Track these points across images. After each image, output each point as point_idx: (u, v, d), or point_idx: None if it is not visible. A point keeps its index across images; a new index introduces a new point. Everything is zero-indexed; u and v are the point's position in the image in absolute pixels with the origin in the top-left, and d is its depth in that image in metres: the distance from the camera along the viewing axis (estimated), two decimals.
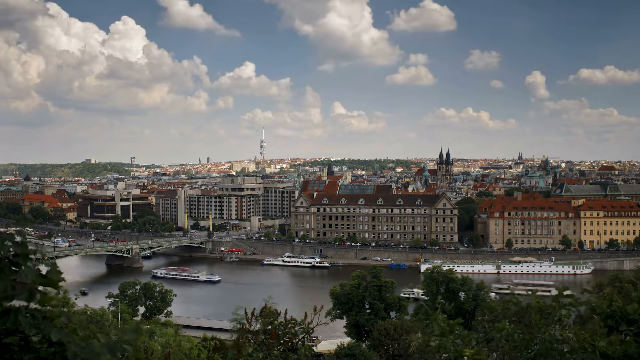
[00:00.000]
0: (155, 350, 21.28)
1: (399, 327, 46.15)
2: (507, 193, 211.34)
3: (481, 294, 57.89)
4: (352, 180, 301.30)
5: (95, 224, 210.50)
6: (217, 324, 74.32)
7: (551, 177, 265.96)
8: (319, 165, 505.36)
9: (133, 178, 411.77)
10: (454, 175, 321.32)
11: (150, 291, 75.31)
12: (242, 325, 11.68)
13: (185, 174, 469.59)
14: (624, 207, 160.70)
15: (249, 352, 9.91)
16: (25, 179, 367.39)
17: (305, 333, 11.91)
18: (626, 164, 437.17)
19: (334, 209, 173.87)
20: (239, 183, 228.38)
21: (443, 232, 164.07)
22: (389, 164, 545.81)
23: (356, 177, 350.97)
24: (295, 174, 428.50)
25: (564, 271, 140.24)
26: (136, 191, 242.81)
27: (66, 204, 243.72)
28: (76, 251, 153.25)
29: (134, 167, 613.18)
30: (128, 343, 3.27)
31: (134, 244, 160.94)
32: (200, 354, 26.93)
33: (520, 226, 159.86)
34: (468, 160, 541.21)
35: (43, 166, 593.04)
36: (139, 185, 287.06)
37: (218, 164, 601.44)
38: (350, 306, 61.44)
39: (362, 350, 44.73)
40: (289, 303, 45.02)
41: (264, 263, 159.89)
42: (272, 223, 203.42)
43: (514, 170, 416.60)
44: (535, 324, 5.71)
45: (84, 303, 55.01)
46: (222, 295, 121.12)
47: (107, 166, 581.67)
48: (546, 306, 5.73)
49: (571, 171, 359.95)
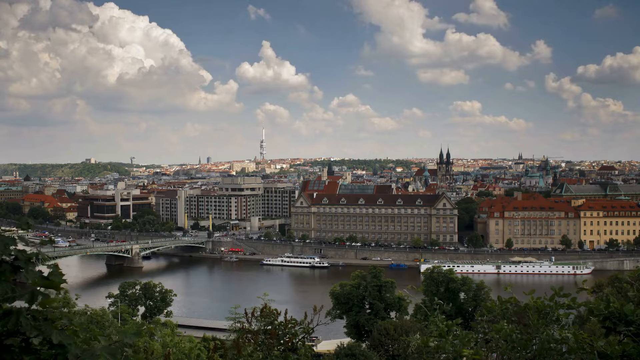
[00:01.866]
0: (155, 350, 21.29)
1: (399, 327, 46.16)
2: (507, 193, 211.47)
3: (481, 294, 57.91)
4: (352, 180, 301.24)
5: (95, 224, 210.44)
6: (217, 324, 74.29)
7: (551, 177, 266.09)
8: (319, 165, 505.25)
9: (133, 178, 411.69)
10: (454, 175, 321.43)
11: (150, 291, 75.25)
12: (242, 325, 11.69)
13: (185, 174, 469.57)
14: (624, 207, 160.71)
15: (249, 352, 9.93)
16: (25, 179, 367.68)
17: (305, 333, 11.93)
18: (626, 164, 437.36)
19: (334, 209, 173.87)
20: (239, 183, 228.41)
21: (443, 232, 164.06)
22: (389, 164, 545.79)
23: (356, 177, 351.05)
24: (295, 174, 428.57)
25: (564, 271, 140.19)
26: (136, 191, 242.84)
27: (66, 204, 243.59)
28: (76, 251, 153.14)
29: (134, 167, 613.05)
30: (128, 345, 3.29)
31: (134, 244, 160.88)
32: (201, 354, 26.93)
33: (520, 226, 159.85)
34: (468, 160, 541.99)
35: (43, 166, 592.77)
36: (139, 185, 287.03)
37: (218, 164, 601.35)
38: (350, 306, 61.41)
39: (362, 350, 44.75)
40: (289, 303, 45.02)
41: (263, 263, 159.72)
42: (272, 223, 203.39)
43: (513, 170, 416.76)
44: (533, 324, 5.73)
45: (85, 303, 54.98)
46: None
47: (107, 166, 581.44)
48: (544, 306, 5.75)
49: (571, 171, 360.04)
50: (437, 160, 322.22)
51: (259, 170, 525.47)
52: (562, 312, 5.75)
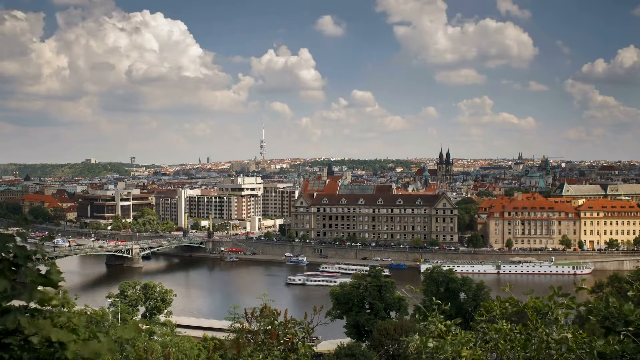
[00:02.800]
0: (155, 350, 21.30)
1: (399, 327, 46.18)
2: (507, 193, 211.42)
3: (481, 294, 57.95)
4: (352, 180, 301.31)
5: (95, 224, 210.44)
6: (217, 324, 74.30)
7: (551, 177, 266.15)
8: (319, 165, 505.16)
9: (133, 178, 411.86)
10: (454, 175, 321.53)
11: (150, 291, 75.26)
12: (242, 325, 11.69)
13: (185, 174, 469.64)
14: (624, 207, 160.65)
15: (249, 352, 9.93)
16: (25, 179, 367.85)
17: (305, 333, 11.92)
18: (626, 163, 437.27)
19: (334, 209, 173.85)
20: (239, 183, 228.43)
21: (443, 232, 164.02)
22: (389, 164, 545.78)
23: (356, 177, 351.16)
24: (295, 174, 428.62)
25: (564, 271, 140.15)
26: (136, 191, 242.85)
27: (66, 204, 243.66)
28: (76, 251, 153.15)
29: (134, 167, 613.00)
30: (127, 342, 3.30)
31: (134, 244, 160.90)
32: (200, 354, 26.95)
33: (520, 226, 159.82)
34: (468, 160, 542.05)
35: (43, 166, 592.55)
36: (139, 185, 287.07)
37: (218, 164, 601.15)
38: (350, 306, 61.44)
39: (362, 350, 44.76)
40: (289, 303, 44.99)
41: (322, 270, 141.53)
42: (272, 223, 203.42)
43: (513, 170, 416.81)
44: (532, 323, 5.74)
45: (84, 303, 55.01)
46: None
47: (107, 166, 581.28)
48: (543, 305, 5.75)
49: (571, 171, 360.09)
50: (437, 160, 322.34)
51: (259, 170, 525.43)
52: (561, 312, 5.76)
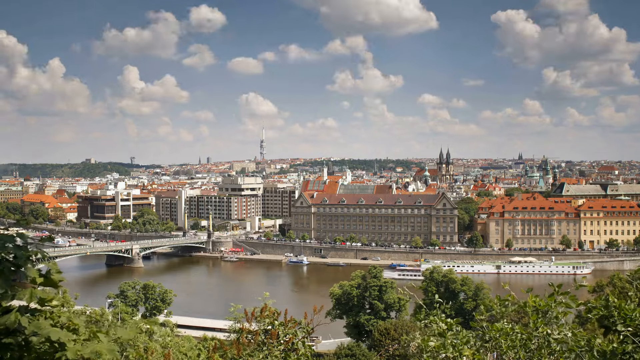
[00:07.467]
0: (155, 350, 21.28)
1: (399, 327, 46.20)
2: (507, 193, 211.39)
3: (481, 294, 58.02)
4: (352, 180, 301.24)
5: (95, 224, 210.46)
6: (217, 324, 74.32)
7: (551, 177, 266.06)
8: (319, 165, 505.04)
9: (133, 178, 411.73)
10: (454, 175, 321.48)
11: (150, 291, 75.32)
12: (242, 325, 11.70)
13: (185, 174, 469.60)
14: (624, 207, 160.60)
15: (249, 352, 9.93)
16: (25, 179, 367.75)
17: (305, 333, 11.93)
18: (626, 164, 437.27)
19: (334, 209, 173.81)
20: (239, 183, 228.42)
21: (443, 232, 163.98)
22: (389, 164, 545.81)
23: (356, 177, 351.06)
24: (295, 174, 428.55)
25: (564, 271, 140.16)
26: (136, 191, 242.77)
27: (66, 204, 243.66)
28: (76, 251, 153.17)
29: (134, 167, 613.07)
30: (127, 342, 3.31)
31: (134, 244, 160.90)
32: (200, 354, 26.93)
33: (520, 226, 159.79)
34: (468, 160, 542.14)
35: (43, 166, 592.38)
36: (139, 186, 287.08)
37: (218, 164, 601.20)
38: (350, 306, 61.48)
39: (362, 350, 44.78)
40: (289, 303, 44.77)
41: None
42: (272, 223, 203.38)
43: (513, 171, 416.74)
44: (532, 322, 5.74)
45: (84, 303, 55.03)
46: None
47: (107, 166, 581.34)
48: (543, 305, 5.75)
49: (571, 171, 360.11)
50: (437, 160, 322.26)
51: (259, 170, 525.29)
52: (561, 311, 5.76)
